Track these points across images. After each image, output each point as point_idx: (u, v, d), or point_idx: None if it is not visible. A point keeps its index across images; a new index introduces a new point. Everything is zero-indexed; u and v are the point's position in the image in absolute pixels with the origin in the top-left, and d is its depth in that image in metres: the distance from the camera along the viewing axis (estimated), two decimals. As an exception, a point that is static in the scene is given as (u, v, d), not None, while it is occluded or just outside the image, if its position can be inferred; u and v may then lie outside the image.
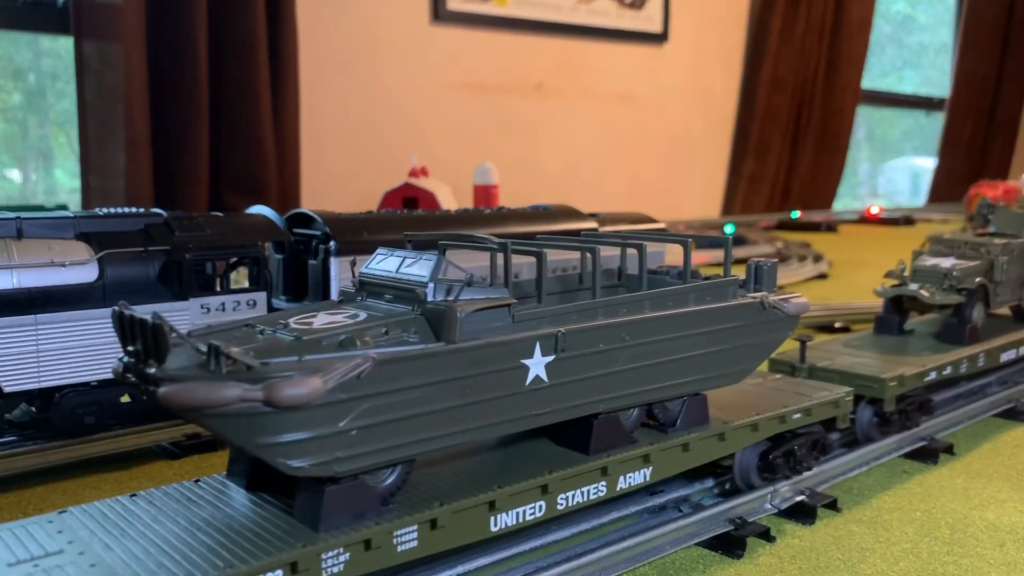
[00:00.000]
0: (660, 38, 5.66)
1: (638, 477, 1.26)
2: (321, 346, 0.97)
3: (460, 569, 1.20)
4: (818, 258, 4.29)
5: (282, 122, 3.91)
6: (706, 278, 1.36)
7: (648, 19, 5.55)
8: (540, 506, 1.14)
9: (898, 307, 2.08)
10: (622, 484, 1.24)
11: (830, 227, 5.83)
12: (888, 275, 2.09)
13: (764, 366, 1.68)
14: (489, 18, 4.84)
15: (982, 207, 2.41)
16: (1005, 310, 2.28)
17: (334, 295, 1.93)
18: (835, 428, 1.58)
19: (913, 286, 2.00)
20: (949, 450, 1.73)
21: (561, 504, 1.17)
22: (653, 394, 1.26)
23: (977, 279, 2.02)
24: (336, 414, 0.95)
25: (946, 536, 1.37)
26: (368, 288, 1.14)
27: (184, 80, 3.62)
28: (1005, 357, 2.04)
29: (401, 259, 1.12)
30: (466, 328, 1.04)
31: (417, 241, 1.26)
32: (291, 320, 1.05)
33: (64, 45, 3.73)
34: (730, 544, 1.31)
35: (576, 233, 2.40)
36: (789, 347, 1.72)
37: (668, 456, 1.29)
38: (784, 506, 1.44)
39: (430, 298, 1.06)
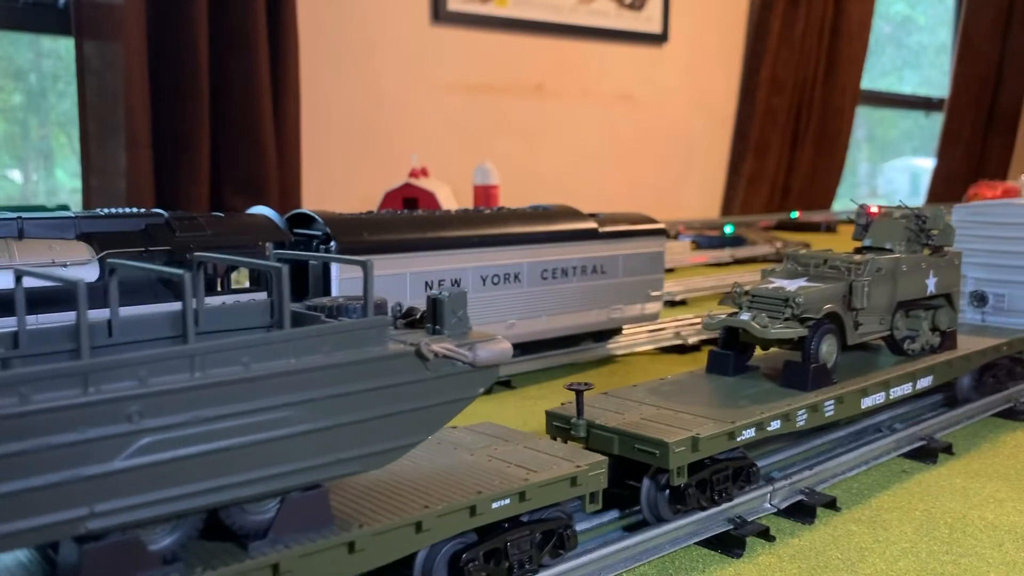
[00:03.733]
0: (660, 39, 5.66)
1: None
2: None
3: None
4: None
5: (283, 122, 3.92)
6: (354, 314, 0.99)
7: (648, 20, 5.56)
8: None
9: (735, 341, 1.69)
10: None
11: (829, 227, 5.83)
12: (723, 300, 1.71)
13: (539, 424, 1.47)
14: (489, 19, 4.85)
15: (859, 216, 1.93)
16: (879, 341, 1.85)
17: (334, 295, 1.93)
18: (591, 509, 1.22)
19: (745, 315, 1.60)
20: (948, 450, 1.73)
21: None
22: (207, 497, 0.85)
23: (826, 306, 1.61)
24: None
25: (945, 536, 1.37)
26: None
27: (185, 80, 3.62)
28: (868, 402, 1.64)
29: None
30: None
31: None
32: None
33: (65, 45, 3.73)
34: (729, 543, 1.32)
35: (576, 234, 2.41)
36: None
37: None
38: (783, 505, 1.44)
39: None
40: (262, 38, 3.78)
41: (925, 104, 8.04)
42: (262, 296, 1.86)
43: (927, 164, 8.04)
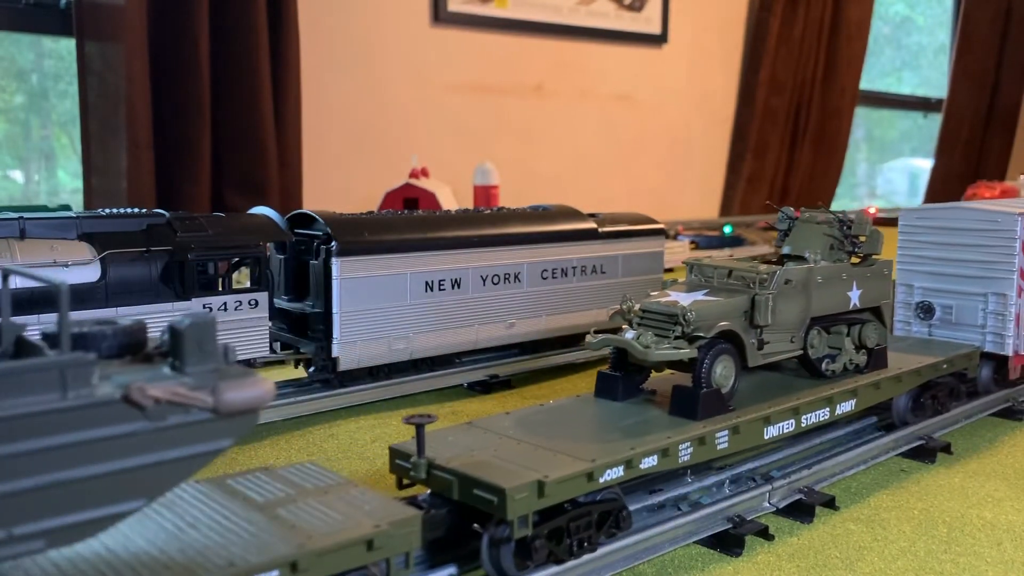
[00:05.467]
0: (659, 39, 5.67)
1: None
2: None
3: (458, 569, 1.21)
4: (817, 259, 4.28)
5: (283, 123, 3.92)
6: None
7: (647, 20, 5.56)
8: None
9: (625, 361, 1.49)
10: None
11: (829, 228, 5.83)
12: (613, 316, 1.53)
13: (382, 463, 1.32)
14: (489, 19, 4.85)
15: (781, 220, 1.71)
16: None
17: (335, 295, 1.94)
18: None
19: (630, 334, 1.41)
20: (947, 449, 1.74)
21: None
22: None
23: (721, 323, 1.41)
24: None
25: (943, 535, 1.38)
26: None
27: (186, 81, 3.62)
28: (774, 432, 1.45)
29: None
30: None
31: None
32: None
33: (66, 46, 3.73)
34: (728, 542, 1.32)
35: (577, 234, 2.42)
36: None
37: None
38: (782, 504, 1.45)
39: None
40: (263, 39, 3.78)
41: (924, 105, 8.05)
42: (263, 296, 1.87)
43: (926, 164, 8.05)
